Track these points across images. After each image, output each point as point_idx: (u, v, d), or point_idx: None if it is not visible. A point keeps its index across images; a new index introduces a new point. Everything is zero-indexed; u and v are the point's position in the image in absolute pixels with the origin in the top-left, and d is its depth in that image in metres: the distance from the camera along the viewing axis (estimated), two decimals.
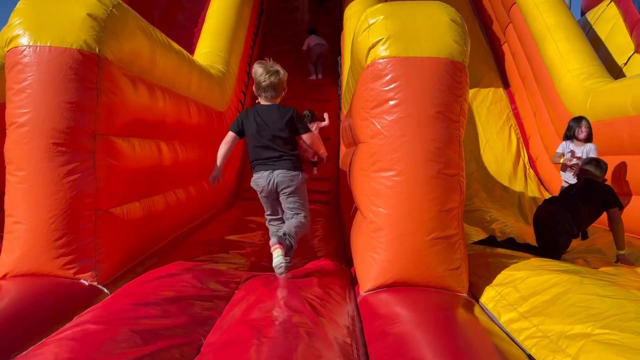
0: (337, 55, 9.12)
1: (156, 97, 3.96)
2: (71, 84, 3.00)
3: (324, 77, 9.68)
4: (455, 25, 3.13)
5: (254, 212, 6.43)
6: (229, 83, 6.70)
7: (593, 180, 4.60)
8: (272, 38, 10.37)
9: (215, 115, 5.99)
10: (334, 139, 8.50)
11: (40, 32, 3.01)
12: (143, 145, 3.79)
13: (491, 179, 8.01)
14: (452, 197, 3.14)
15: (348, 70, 4.79)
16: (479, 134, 8.67)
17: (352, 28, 7.65)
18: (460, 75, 3.10)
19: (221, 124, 6.27)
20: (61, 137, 3.00)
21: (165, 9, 10.66)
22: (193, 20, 10.34)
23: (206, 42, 7.19)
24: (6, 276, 3.07)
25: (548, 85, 7.45)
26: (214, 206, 6.29)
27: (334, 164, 8.15)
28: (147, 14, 9.30)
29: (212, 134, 6.03)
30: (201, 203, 5.58)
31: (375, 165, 3.18)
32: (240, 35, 7.80)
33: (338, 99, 8.68)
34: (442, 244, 3.12)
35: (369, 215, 3.23)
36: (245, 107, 8.22)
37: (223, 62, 6.81)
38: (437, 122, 3.06)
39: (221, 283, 3.30)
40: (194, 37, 9.55)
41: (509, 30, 9.28)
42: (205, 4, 10.19)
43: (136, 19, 3.52)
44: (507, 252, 4.05)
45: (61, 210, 3.02)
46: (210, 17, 7.88)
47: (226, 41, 7.26)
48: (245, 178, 8.07)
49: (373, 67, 3.15)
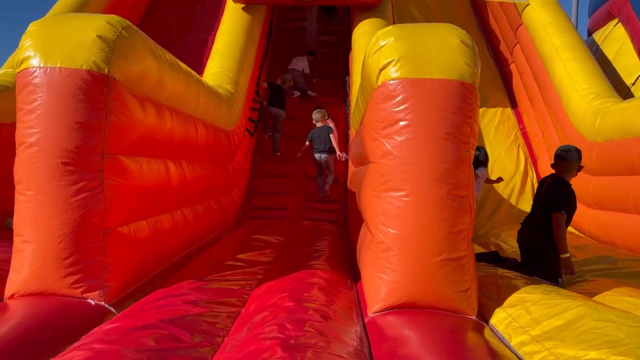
0: (346, 74, 9.17)
1: (164, 116, 3.98)
2: (80, 104, 3.03)
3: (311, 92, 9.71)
4: (465, 47, 3.15)
5: (261, 230, 6.42)
6: (237, 103, 6.74)
7: (555, 176, 4.44)
8: (281, 56, 10.45)
9: (223, 134, 6.01)
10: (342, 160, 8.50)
11: (50, 54, 3.05)
12: (151, 165, 3.80)
13: (499, 198, 7.96)
14: (462, 219, 3.11)
15: (358, 90, 4.81)
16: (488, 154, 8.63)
17: (361, 48, 7.74)
18: (471, 97, 3.10)
19: (229, 143, 6.30)
20: (70, 156, 3.02)
21: (176, 30, 10.81)
22: (203, 41, 10.46)
23: (215, 62, 7.26)
24: (14, 295, 3.07)
25: (556, 105, 7.43)
26: (221, 225, 6.28)
27: (342, 183, 8.14)
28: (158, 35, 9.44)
29: (220, 153, 6.05)
30: (208, 222, 5.57)
31: (385, 185, 3.17)
32: (249, 56, 7.87)
33: (346, 118, 8.70)
34: (451, 266, 3.09)
35: (378, 235, 3.20)
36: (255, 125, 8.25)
37: (232, 82, 6.86)
38: (447, 143, 3.05)
39: (228, 303, 3.28)
40: (204, 58, 9.66)
41: (516, 51, 9.31)
42: (215, 25, 10.33)
43: (145, 40, 3.55)
44: (517, 273, 4.00)
45: (69, 229, 3.02)
46: (219, 38, 7.97)
47: (235, 61, 7.32)
48: (254, 196, 8.08)
49: (384, 88, 3.16)
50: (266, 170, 8.56)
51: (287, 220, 7.60)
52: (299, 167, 8.47)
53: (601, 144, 6.11)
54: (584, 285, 4.09)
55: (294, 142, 8.74)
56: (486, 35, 10.97)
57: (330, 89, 9.90)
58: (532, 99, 8.67)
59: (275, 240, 5.83)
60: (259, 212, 7.82)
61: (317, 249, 5.27)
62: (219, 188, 6.13)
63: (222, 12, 9.32)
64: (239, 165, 7.18)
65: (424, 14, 11.32)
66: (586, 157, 6.33)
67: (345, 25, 10.91)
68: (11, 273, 3.14)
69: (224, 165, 6.33)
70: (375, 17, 8.49)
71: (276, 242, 5.78)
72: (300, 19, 11.54)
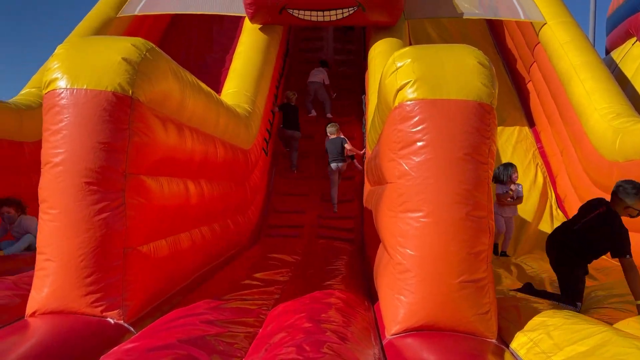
0: (362, 93, 9.22)
1: (185, 136, 4.04)
2: (105, 125, 3.09)
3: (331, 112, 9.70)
4: (482, 68, 3.16)
5: (277, 249, 6.43)
6: (254, 122, 6.81)
7: (610, 209, 4.16)
8: (297, 75, 10.55)
9: (241, 153, 6.07)
10: (357, 176, 8.52)
11: (77, 76, 3.12)
12: (171, 184, 3.84)
13: (517, 218, 7.87)
14: (481, 240, 3.09)
15: (374, 110, 4.83)
16: None
17: (377, 67, 7.80)
18: (489, 118, 3.10)
19: (246, 162, 6.35)
20: (93, 176, 3.07)
21: (194, 50, 11.00)
22: (221, 61, 10.62)
23: (233, 82, 7.37)
24: (35, 313, 3.10)
25: (575, 124, 7.38)
26: (238, 243, 6.30)
27: (357, 202, 8.14)
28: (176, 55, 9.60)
29: (238, 172, 6.10)
30: (225, 240, 5.60)
31: (403, 205, 3.16)
32: (266, 75, 7.97)
33: (362, 136, 8.73)
34: (470, 288, 3.06)
35: (396, 256, 3.19)
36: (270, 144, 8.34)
37: (249, 102, 6.94)
38: (465, 164, 3.05)
39: (246, 323, 3.28)
40: (222, 77, 9.80)
41: (533, 69, 9.29)
42: (232, 45, 10.49)
43: (168, 61, 3.63)
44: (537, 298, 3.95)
45: (91, 248, 3.06)
46: (237, 58, 8.09)
47: (252, 81, 7.42)
48: (270, 215, 8.11)
49: (401, 108, 3.17)
50: (282, 188, 8.60)
51: (303, 238, 7.61)
52: (314, 186, 8.50)
53: (622, 163, 6.04)
54: (604, 311, 4.02)
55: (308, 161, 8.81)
56: (502, 53, 10.98)
57: (347, 107, 9.95)
58: (550, 117, 8.63)
59: (291, 259, 5.83)
60: (275, 230, 7.84)
61: (333, 269, 5.26)
62: (236, 206, 6.17)
63: (239, 33, 9.48)
64: (255, 183, 7.23)
65: (440, 33, 11.38)
66: (607, 177, 6.29)
67: (361, 44, 11.01)
68: (33, 291, 3.18)
69: (242, 184, 6.38)
70: (392, 37, 8.55)
71: (292, 260, 5.78)
72: (317, 38, 11.68)
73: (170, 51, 7.57)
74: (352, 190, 8.38)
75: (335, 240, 7.46)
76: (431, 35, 11.30)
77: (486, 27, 11.72)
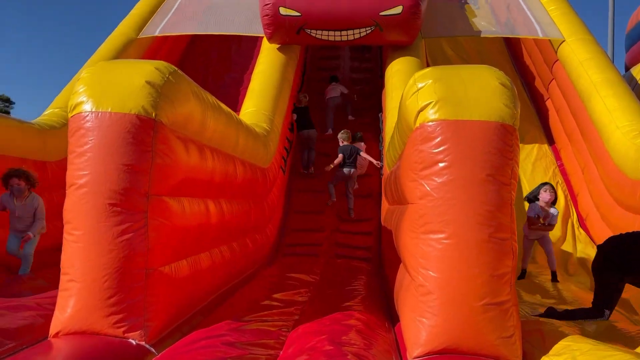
0: (378, 111, 9.23)
1: (206, 157, 4.08)
2: (129, 147, 3.13)
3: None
4: (504, 89, 3.15)
5: (295, 268, 6.41)
6: (272, 141, 6.86)
7: None
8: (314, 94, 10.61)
9: (260, 171, 6.10)
10: (375, 194, 8.49)
11: (102, 99, 3.18)
12: (192, 204, 3.87)
13: None
14: (505, 262, 3.06)
15: (393, 130, 4.83)
16: (524, 192, 8.48)
17: (394, 86, 7.81)
18: (511, 138, 3.09)
19: (265, 181, 6.37)
20: (117, 197, 3.11)
21: (212, 70, 11.15)
22: (239, 80, 10.74)
23: (252, 101, 7.44)
24: (59, 334, 3.12)
25: (596, 142, 7.29)
26: (256, 262, 6.30)
27: (375, 220, 8.10)
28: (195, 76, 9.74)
29: (256, 190, 6.13)
30: (244, 259, 5.60)
31: (425, 227, 3.14)
32: (284, 94, 8.04)
33: (379, 154, 8.72)
34: (494, 311, 3.02)
35: (418, 278, 3.16)
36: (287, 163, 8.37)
37: (267, 121, 7.00)
38: (488, 185, 3.03)
39: (266, 345, 3.27)
40: (240, 96, 9.90)
41: (552, 87, 9.23)
42: (250, 65, 10.61)
43: (189, 84, 3.68)
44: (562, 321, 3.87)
45: (114, 269, 3.09)
46: (255, 78, 8.17)
47: (271, 100, 7.49)
48: (287, 234, 8.10)
49: (422, 129, 3.17)
50: (299, 206, 8.58)
51: (321, 257, 7.58)
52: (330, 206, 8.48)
53: None
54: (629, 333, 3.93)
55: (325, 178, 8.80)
56: (520, 71, 10.94)
57: (364, 125, 9.96)
58: (570, 135, 8.54)
59: (309, 279, 5.80)
60: (292, 248, 7.82)
61: (352, 289, 5.23)
62: (254, 225, 6.18)
63: (256, 53, 9.59)
64: (273, 201, 7.24)
65: (457, 51, 11.39)
66: (630, 196, 6.18)
67: (378, 62, 11.06)
68: (56, 311, 3.21)
69: (260, 203, 6.40)
70: (409, 55, 8.58)
71: (311, 280, 5.76)
72: (333, 57, 11.76)
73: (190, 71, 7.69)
74: (369, 208, 8.35)
75: (353, 260, 7.42)
76: (448, 54, 11.31)
77: (503, 44, 11.71)
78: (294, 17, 8.30)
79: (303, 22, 8.31)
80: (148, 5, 9.98)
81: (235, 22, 9.41)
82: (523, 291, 5.60)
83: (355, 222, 8.14)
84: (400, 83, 7.62)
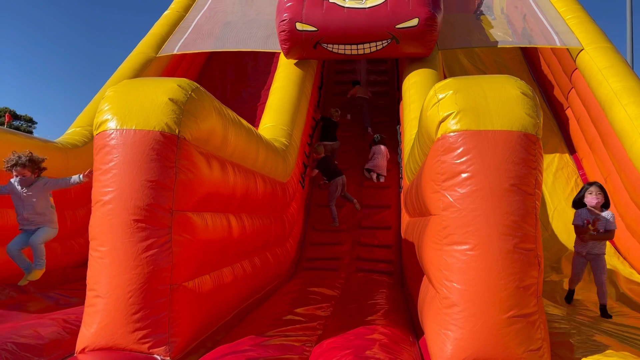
0: (396, 124, 9.23)
1: (227, 172, 4.11)
2: (153, 164, 3.17)
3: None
4: (526, 98, 3.13)
5: (316, 282, 6.39)
6: (291, 155, 6.89)
7: None
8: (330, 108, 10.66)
9: (279, 186, 6.12)
10: (394, 205, 8.46)
11: (126, 117, 3.24)
12: (214, 219, 3.89)
13: (562, 248, 7.64)
14: (530, 273, 3.02)
15: (413, 141, 4.82)
16: (546, 202, 8.38)
17: (412, 98, 7.81)
18: (534, 148, 3.06)
19: (284, 195, 6.39)
20: (142, 213, 3.14)
21: (230, 86, 11.28)
22: (256, 96, 10.85)
23: (270, 116, 7.49)
24: (85, 350, 3.15)
25: (619, 150, 7.19)
26: (277, 276, 6.30)
27: (395, 231, 8.06)
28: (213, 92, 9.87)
29: (276, 205, 6.14)
30: (265, 274, 5.60)
31: (448, 238, 3.12)
32: (302, 109, 8.08)
33: (398, 167, 8.70)
34: (521, 323, 2.97)
35: (442, 290, 3.13)
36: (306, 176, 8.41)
37: (286, 135, 7.03)
38: (512, 195, 3.00)
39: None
40: (258, 111, 9.99)
41: (571, 96, 9.14)
42: (267, 81, 10.71)
43: (211, 100, 3.72)
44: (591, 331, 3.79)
45: (139, 285, 3.11)
46: (273, 93, 8.24)
47: (289, 115, 7.53)
48: (307, 248, 8.09)
49: (444, 140, 3.16)
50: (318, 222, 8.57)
51: (342, 271, 7.55)
52: (350, 217, 8.47)
53: None
54: None
55: None
56: (538, 80, 10.86)
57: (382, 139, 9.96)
58: (592, 144, 8.43)
59: (331, 293, 5.78)
60: (312, 263, 7.81)
61: (374, 303, 5.18)
62: (275, 240, 6.19)
63: (273, 68, 9.69)
64: (293, 216, 7.25)
65: (473, 62, 11.36)
66: None
67: (395, 75, 11.08)
68: (83, 327, 3.23)
69: (280, 217, 6.41)
70: (425, 67, 8.58)
71: (333, 294, 5.73)
72: (350, 70, 11.82)
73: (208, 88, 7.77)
74: (389, 219, 8.32)
75: (374, 273, 7.38)
76: (464, 65, 11.29)
77: (521, 54, 11.65)
78: (311, 32, 8.37)
79: (319, 36, 8.38)
80: (166, 25, 10.16)
81: (252, 38, 9.53)
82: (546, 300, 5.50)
83: (375, 229, 8.12)
84: (418, 95, 7.63)
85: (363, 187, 8.98)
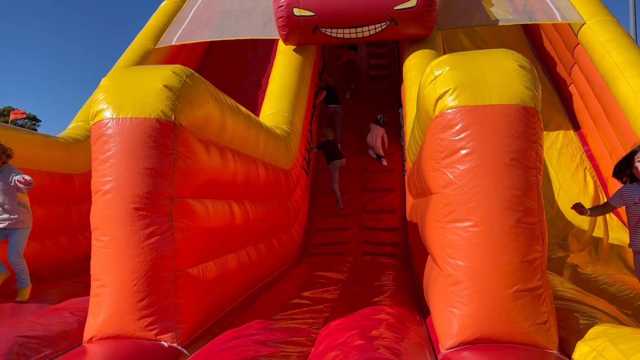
0: (398, 107, 9.18)
1: (227, 159, 4.10)
2: (150, 151, 3.17)
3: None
4: (524, 71, 3.09)
5: (322, 267, 6.40)
6: (293, 142, 6.87)
7: None
8: None
9: (282, 173, 6.11)
10: (399, 188, 8.44)
11: (122, 105, 3.22)
12: (216, 206, 3.89)
13: (569, 225, 7.61)
14: (534, 247, 2.99)
15: (413, 122, 4.79)
16: (551, 179, 8.33)
17: (413, 80, 7.75)
18: (533, 121, 3.02)
19: (287, 181, 6.38)
20: (141, 201, 3.14)
21: (231, 75, 11.24)
22: (257, 84, 10.81)
23: (271, 103, 7.46)
24: (92, 339, 3.17)
25: (623, 124, 7.12)
26: (284, 262, 6.31)
27: (400, 214, 8.05)
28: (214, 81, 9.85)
29: (280, 191, 6.14)
30: (271, 260, 5.62)
31: (450, 215, 3.10)
32: (302, 95, 8.05)
33: (401, 150, 8.67)
34: (526, 297, 2.96)
35: (446, 268, 3.12)
36: (310, 163, 8.39)
37: (287, 122, 7.01)
38: (513, 169, 2.97)
39: (298, 342, 3.26)
40: (259, 100, 9.96)
41: (574, 71, 9.04)
42: (267, 69, 10.66)
43: (207, 86, 3.70)
44: (598, 304, 3.77)
45: (143, 272, 3.12)
46: (273, 80, 8.20)
47: (289, 102, 7.50)
48: (313, 234, 8.10)
49: (442, 117, 3.13)
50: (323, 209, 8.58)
51: (348, 255, 7.56)
52: (354, 202, 8.47)
53: None
54: None
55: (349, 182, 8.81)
56: (541, 57, 10.75)
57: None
58: (596, 119, 8.35)
59: (337, 277, 5.79)
60: (318, 248, 7.83)
61: (381, 284, 5.19)
62: (280, 226, 6.19)
63: (273, 55, 9.63)
64: (297, 202, 7.25)
65: (474, 41, 11.25)
66: None
67: (395, 57, 11.00)
68: (89, 317, 3.26)
69: (284, 203, 6.41)
70: (426, 48, 8.51)
71: (339, 278, 5.74)
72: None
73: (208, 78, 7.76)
74: (394, 202, 8.31)
75: (381, 256, 7.38)
76: (465, 44, 11.18)
77: (522, 31, 11.53)
78: (309, 17, 8.31)
79: (318, 21, 8.31)
80: (164, 15, 10.12)
81: (250, 26, 9.47)
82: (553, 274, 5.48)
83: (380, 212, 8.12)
84: (419, 76, 7.56)
85: (367, 171, 8.97)
